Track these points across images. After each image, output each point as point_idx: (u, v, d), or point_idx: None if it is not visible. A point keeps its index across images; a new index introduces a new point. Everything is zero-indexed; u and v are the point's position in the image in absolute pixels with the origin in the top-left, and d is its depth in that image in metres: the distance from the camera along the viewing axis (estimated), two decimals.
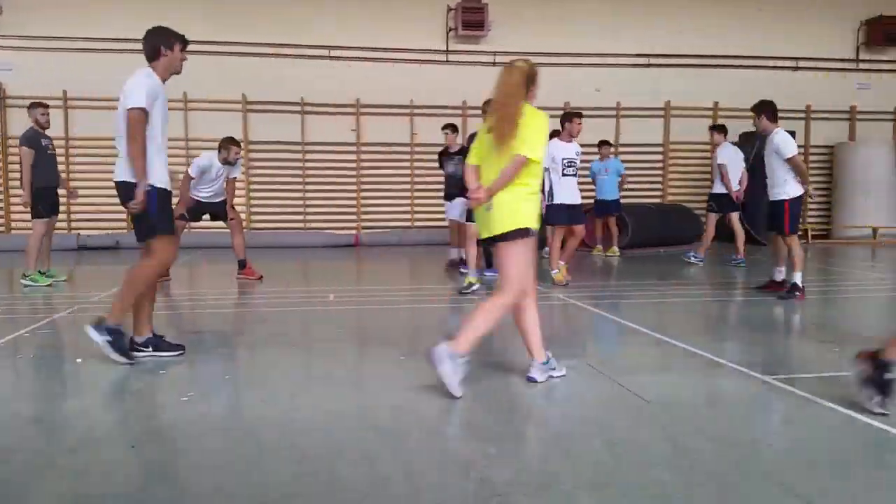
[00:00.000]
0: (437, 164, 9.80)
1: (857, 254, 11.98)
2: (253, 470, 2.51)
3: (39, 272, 7.78)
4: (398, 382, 3.68)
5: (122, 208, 4.24)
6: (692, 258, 9.74)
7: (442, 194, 9.61)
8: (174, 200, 4.55)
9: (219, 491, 2.37)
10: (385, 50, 14.03)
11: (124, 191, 4.14)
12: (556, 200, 7.50)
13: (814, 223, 15.12)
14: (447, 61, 14.31)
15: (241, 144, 8.42)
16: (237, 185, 8.90)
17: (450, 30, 14.21)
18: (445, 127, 9.31)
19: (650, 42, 14.66)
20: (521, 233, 3.50)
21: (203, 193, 7.93)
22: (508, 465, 2.56)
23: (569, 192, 7.54)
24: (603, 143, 11.46)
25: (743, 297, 7.06)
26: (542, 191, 6.53)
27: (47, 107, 7.91)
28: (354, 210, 14.27)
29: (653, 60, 14.76)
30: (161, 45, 4.20)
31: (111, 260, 11.07)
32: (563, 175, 7.52)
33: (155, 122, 4.12)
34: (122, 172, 4.16)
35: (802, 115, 14.97)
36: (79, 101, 13.23)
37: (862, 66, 15.48)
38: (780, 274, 6.98)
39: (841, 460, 2.65)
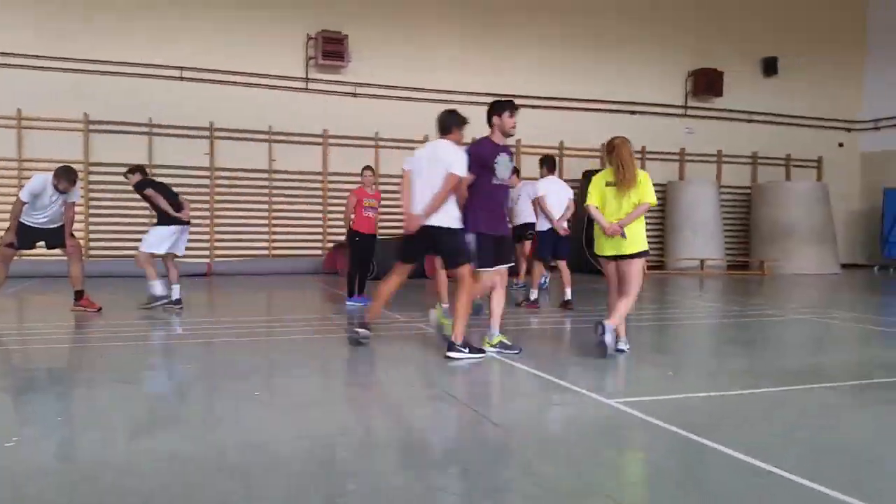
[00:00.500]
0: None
1: (687, 283, 13.10)
2: None
3: None
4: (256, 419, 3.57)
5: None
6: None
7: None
8: None
9: None
10: (242, 74, 13.71)
11: None
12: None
13: (650, 256, 16.37)
14: (307, 89, 14.21)
15: (79, 174, 7.85)
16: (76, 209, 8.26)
17: (310, 58, 14.14)
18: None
19: (500, 81, 15.32)
20: (644, 252, 5.27)
21: (37, 219, 7.31)
22: (366, 501, 2.55)
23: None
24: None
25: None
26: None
27: None
28: (207, 238, 13.70)
29: (501, 97, 15.42)
30: None
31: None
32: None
33: None
34: None
35: (639, 154, 16.26)
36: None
37: (690, 112, 17.10)
38: (534, 293, 8.52)
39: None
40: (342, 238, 13.83)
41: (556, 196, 8.91)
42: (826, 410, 3.96)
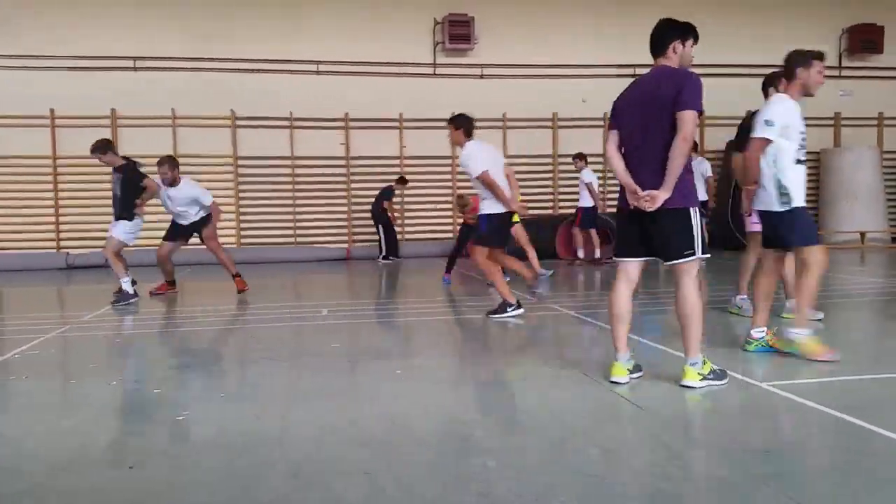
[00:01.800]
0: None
1: (846, 258, 12.06)
2: (251, 485, 2.50)
3: None
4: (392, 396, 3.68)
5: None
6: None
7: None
8: None
9: None
10: (373, 64, 14.08)
11: None
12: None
13: None
14: (435, 74, 14.38)
15: (178, 161, 8.46)
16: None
17: (437, 43, 14.29)
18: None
19: (634, 52, 14.75)
20: None
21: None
22: (506, 478, 2.55)
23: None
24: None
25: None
26: None
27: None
28: (345, 224, 14.27)
29: (638, 70, 14.87)
30: None
31: (100, 279, 11.00)
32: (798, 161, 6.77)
33: None
34: None
35: None
36: (66, 118, 13.19)
37: (844, 72, 15.67)
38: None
39: None
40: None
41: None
42: None
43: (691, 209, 3.58)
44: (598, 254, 11.43)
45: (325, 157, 14.14)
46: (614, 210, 4.12)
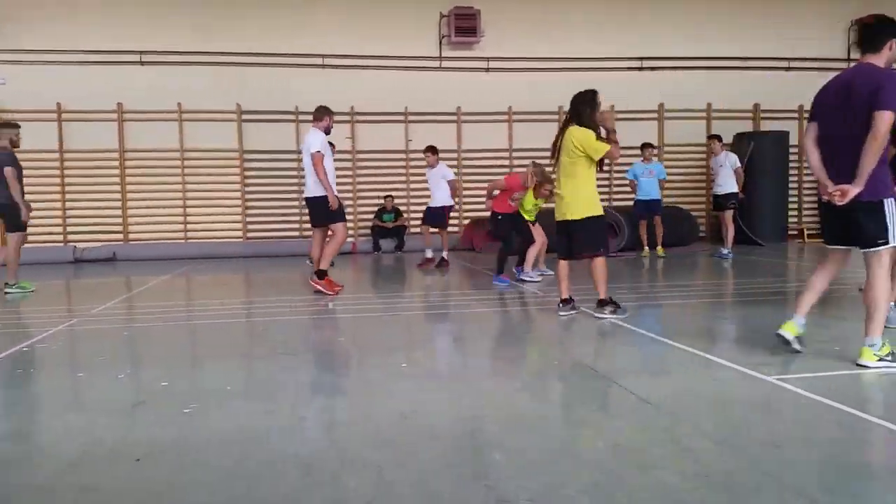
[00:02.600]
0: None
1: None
2: (262, 481, 2.51)
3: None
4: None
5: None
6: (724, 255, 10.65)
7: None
8: None
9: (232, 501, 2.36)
10: (378, 57, 14.06)
11: None
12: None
13: (809, 222, 15.17)
14: (441, 68, 14.35)
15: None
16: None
17: (443, 37, 14.25)
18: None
19: (640, 44, 14.72)
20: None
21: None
22: (514, 472, 2.56)
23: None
24: (646, 146, 11.45)
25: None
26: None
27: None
28: (351, 217, 14.27)
29: (646, 63, 14.82)
30: None
31: (107, 272, 11.04)
32: None
33: None
34: None
35: (795, 114, 15.03)
36: (73, 113, 13.22)
37: (853, 64, 15.55)
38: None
39: None
40: (474, 215, 13.98)
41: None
42: None
43: (885, 200, 3.72)
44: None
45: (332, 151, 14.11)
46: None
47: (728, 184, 10.77)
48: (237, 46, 13.57)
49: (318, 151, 7.35)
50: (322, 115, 7.73)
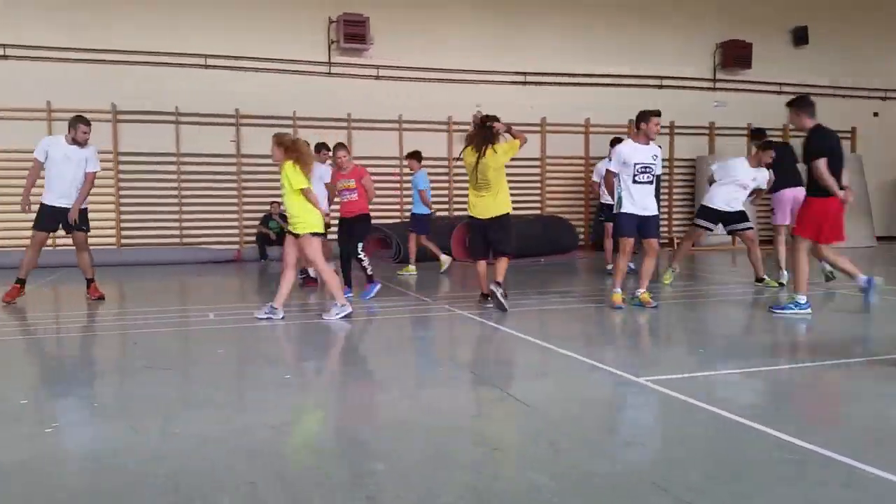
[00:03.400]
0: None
1: (717, 259, 12.91)
2: (120, 502, 2.38)
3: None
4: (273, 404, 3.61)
5: None
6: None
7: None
8: None
9: None
10: (266, 60, 13.74)
11: None
12: (625, 210, 6.73)
13: (679, 232, 16.15)
14: (330, 73, 14.21)
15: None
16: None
17: (332, 42, 14.12)
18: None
19: (528, 60, 15.19)
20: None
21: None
22: (393, 482, 2.57)
23: (641, 201, 6.75)
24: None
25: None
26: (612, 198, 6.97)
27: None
28: (236, 224, 13.84)
29: (529, 78, 15.31)
30: None
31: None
32: (635, 182, 6.73)
33: None
34: None
35: (667, 130, 15.96)
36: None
37: (719, 85, 16.75)
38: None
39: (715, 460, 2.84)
40: (394, 221, 13.86)
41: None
42: (868, 388, 3.88)
43: None
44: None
45: (213, 155, 13.64)
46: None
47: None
48: (111, 43, 12.86)
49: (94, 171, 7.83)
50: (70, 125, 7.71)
